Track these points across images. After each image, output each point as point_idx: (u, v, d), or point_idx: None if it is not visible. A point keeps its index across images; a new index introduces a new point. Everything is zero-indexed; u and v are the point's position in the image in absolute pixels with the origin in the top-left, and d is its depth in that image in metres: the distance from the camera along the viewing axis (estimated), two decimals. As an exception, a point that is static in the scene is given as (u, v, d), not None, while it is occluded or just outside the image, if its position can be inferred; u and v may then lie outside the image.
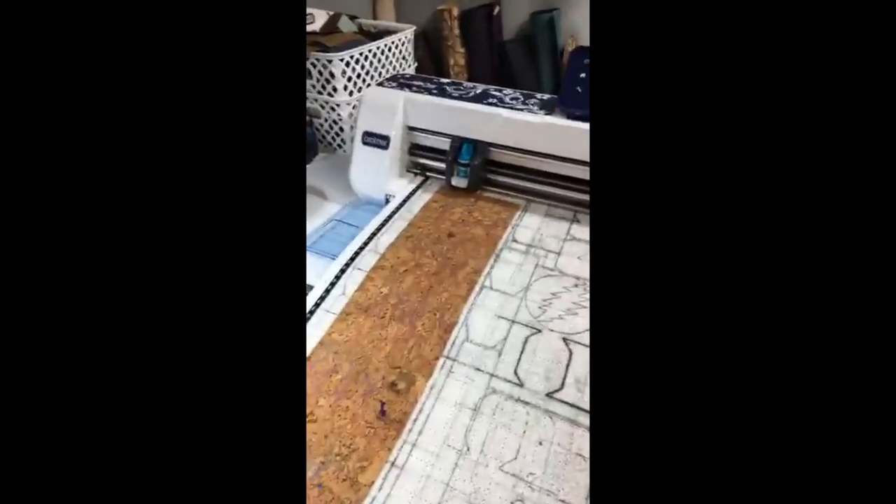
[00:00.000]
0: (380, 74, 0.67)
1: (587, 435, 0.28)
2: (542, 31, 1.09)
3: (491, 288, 0.37)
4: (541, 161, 0.46)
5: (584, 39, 1.10)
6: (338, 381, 0.31)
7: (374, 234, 0.43)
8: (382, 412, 0.30)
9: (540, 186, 0.47)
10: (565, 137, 0.43)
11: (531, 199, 0.47)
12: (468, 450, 0.28)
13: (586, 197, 0.45)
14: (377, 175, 0.50)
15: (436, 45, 1.29)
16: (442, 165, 0.49)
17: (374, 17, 1.27)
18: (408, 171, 0.52)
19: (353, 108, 0.62)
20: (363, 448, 0.28)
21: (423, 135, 0.50)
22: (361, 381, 0.31)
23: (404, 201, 0.48)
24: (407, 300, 0.36)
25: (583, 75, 0.45)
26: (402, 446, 0.28)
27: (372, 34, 0.74)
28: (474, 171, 0.47)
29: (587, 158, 0.43)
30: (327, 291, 0.37)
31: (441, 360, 0.32)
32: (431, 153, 0.51)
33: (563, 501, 0.25)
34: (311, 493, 0.26)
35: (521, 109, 0.46)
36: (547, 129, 0.44)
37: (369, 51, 0.63)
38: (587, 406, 0.29)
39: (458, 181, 0.47)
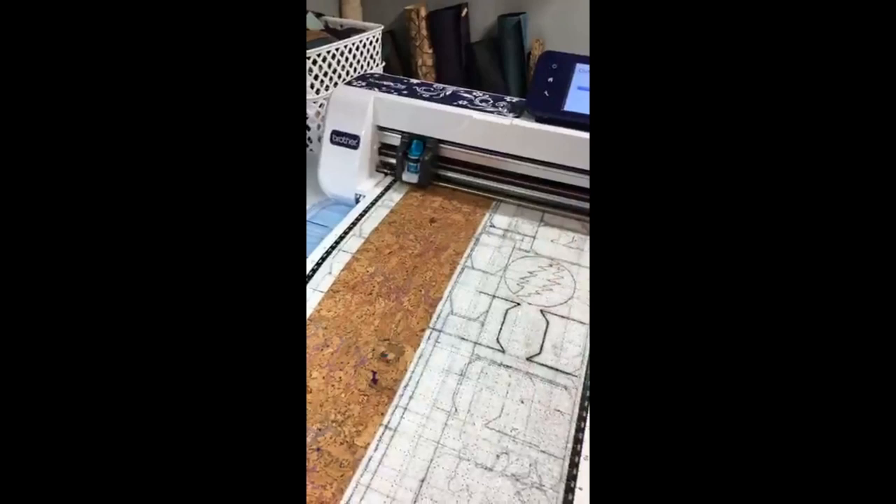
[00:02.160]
0: (347, 73, 0.67)
1: (564, 393, 0.31)
2: (509, 34, 1.14)
3: (472, 268, 0.40)
4: (510, 162, 0.47)
5: (550, 43, 1.15)
6: (329, 355, 0.33)
7: (356, 221, 0.44)
8: (374, 381, 0.31)
9: (509, 187, 0.48)
10: (534, 140, 0.45)
11: (501, 199, 0.49)
12: (456, 410, 0.30)
13: (555, 198, 0.47)
14: (347, 174, 0.50)
15: (403, 44, 1.30)
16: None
17: (341, 15, 1.27)
18: (377, 170, 0.52)
19: (320, 106, 0.62)
20: (358, 414, 0.29)
21: (394, 135, 0.51)
22: (352, 353, 0.33)
23: (378, 197, 0.48)
24: (393, 278, 0.38)
25: (550, 80, 0.47)
26: (394, 410, 0.30)
27: (338, 32, 0.74)
28: (424, 166, 0.48)
29: (555, 160, 0.45)
30: (313, 271, 0.38)
31: (428, 332, 0.34)
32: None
33: (543, 452, 0.28)
34: (311, 456, 0.27)
35: (491, 112, 0.47)
36: (516, 131, 0.45)
37: (336, 49, 0.64)
38: (563, 367, 0.32)
39: (409, 176, 0.49)
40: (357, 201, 0.49)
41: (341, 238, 0.42)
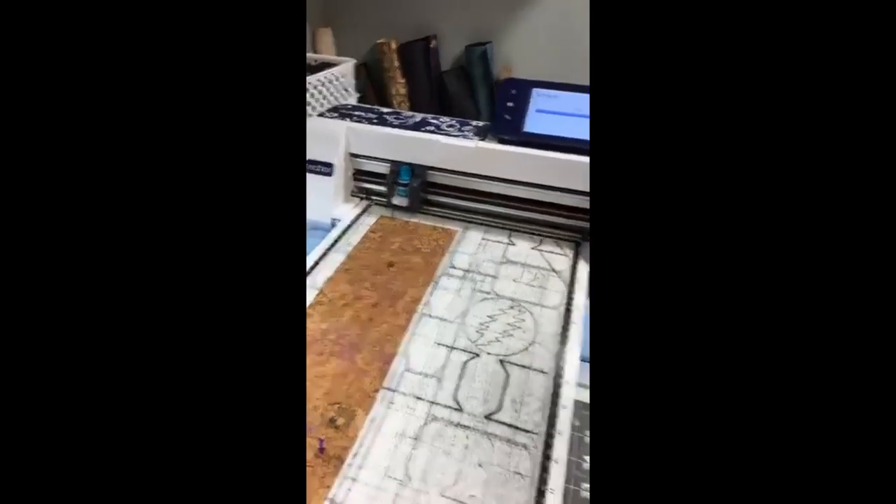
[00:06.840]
0: (321, 105, 0.69)
1: (524, 453, 0.29)
2: (476, 62, 1.15)
3: (430, 315, 0.38)
4: (477, 182, 0.50)
5: (517, 69, 1.17)
6: (276, 423, 0.31)
7: (312, 268, 0.43)
8: (321, 450, 0.29)
9: (477, 205, 0.51)
10: (498, 160, 0.48)
11: (470, 217, 0.50)
12: (409, 479, 0.28)
13: (521, 213, 0.49)
14: (323, 200, 0.51)
15: (377, 75, 1.31)
16: (385, 189, 0.52)
17: (314, 51, 1.28)
18: (352, 195, 0.54)
19: (296, 138, 0.62)
20: (303, 490, 0.27)
21: (366, 161, 0.53)
22: (300, 420, 0.31)
23: (345, 231, 0.48)
24: (346, 334, 0.36)
25: (510, 104, 0.50)
26: (341, 482, 0.28)
27: (312, 67, 0.75)
28: (413, 191, 0.50)
29: (519, 178, 0.48)
30: (264, 330, 0.37)
31: (381, 392, 0.32)
32: (375, 178, 0.53)
33: (502, 522, 0.26)
34: (248, 543, 0.25)
35: (457, 136, 0.50)
36: (481, 153, 0.48)
37: (310, 83, 0.65)
38: (523, 425, 0.30)
39: (400, 200, 0.51)
40: (333, 226, 0.50)
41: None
